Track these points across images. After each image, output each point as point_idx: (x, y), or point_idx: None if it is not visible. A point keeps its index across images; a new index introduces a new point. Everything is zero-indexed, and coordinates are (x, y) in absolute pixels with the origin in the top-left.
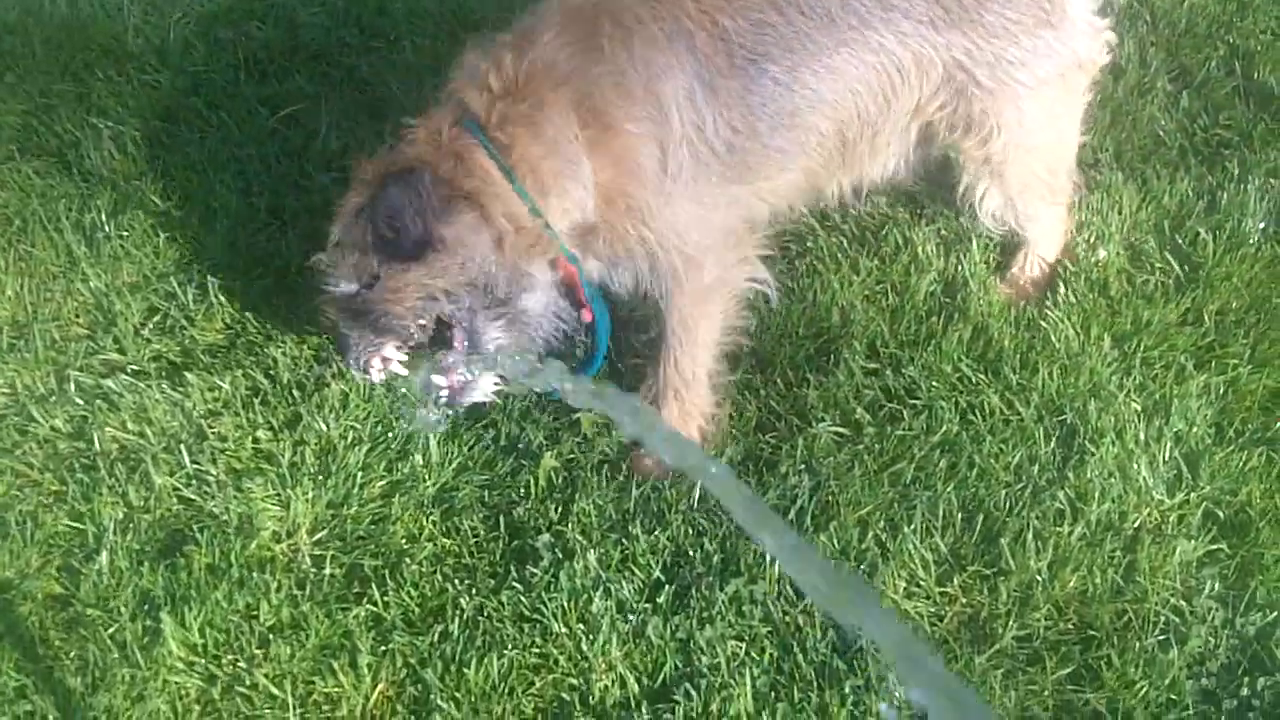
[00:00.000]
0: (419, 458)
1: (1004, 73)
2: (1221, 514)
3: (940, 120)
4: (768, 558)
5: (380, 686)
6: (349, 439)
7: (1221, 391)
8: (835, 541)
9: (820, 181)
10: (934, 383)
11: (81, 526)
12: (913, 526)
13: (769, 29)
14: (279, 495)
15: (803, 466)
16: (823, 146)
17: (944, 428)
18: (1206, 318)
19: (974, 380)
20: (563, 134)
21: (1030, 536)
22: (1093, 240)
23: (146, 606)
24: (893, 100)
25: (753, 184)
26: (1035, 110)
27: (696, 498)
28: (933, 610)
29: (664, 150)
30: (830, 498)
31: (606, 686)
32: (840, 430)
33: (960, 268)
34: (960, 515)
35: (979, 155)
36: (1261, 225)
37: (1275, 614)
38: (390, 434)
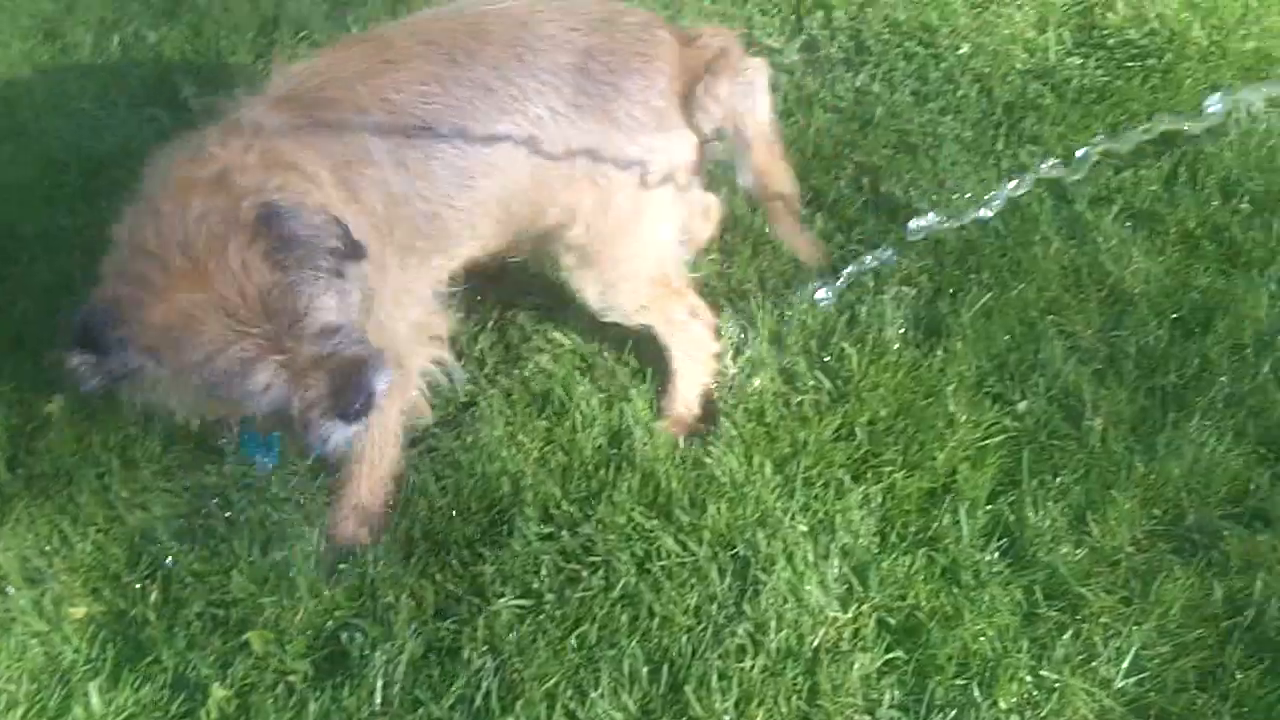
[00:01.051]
0: (80, 710)
1: (621, 167)
2: (893, 621)
3: (570, 203)
4: None
5: None
6: (2, 703)
7: (880, 500)
8: None
9: (497, 246)
10: (609, 536)
11: None
12: (599, 690)
13: (434, 98)
14: None
15: (485, 648)
16: (502, 209)
17: (623, 581)
18: (859, 430)
19: (647, 527)
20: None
21: (715, 679)
22: (747, 371)
23: None
24: (548, 172)
25: (450, 250)
26: (633, 207)
27: (379, 701)
28: None
29: (381, 242)
30: (515, 675)
31: None
32: (521, 603)
33: (624, 417)
34: (646, 669)
35: (581, 242)
36: (901, 332)
37: (955, 711)
38: (49, 687)
